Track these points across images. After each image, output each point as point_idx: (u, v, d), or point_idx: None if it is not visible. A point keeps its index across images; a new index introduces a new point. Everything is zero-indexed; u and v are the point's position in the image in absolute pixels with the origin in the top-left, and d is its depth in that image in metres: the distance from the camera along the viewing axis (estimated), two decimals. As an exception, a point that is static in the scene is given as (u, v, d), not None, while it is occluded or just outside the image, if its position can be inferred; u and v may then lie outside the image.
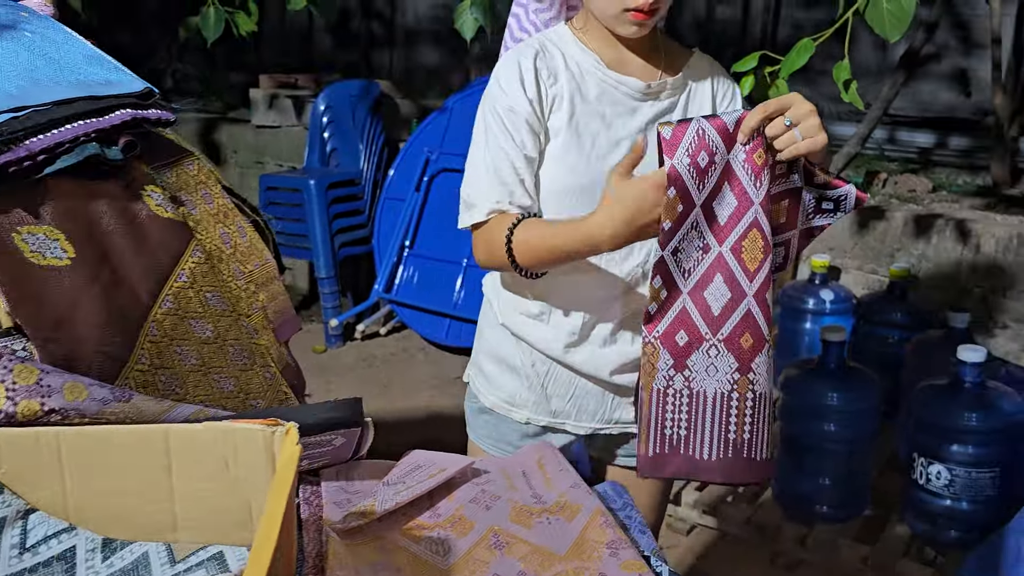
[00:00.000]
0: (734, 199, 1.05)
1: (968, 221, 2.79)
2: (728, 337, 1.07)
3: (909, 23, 1.73)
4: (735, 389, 1.09)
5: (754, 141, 1.05)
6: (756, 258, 1.05)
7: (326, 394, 3.31)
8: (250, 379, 1.02)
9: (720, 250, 1.06)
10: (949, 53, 4.94)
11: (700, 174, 1.03)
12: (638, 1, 1.14)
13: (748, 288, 1.07)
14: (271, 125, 4.59)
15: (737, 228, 1.05)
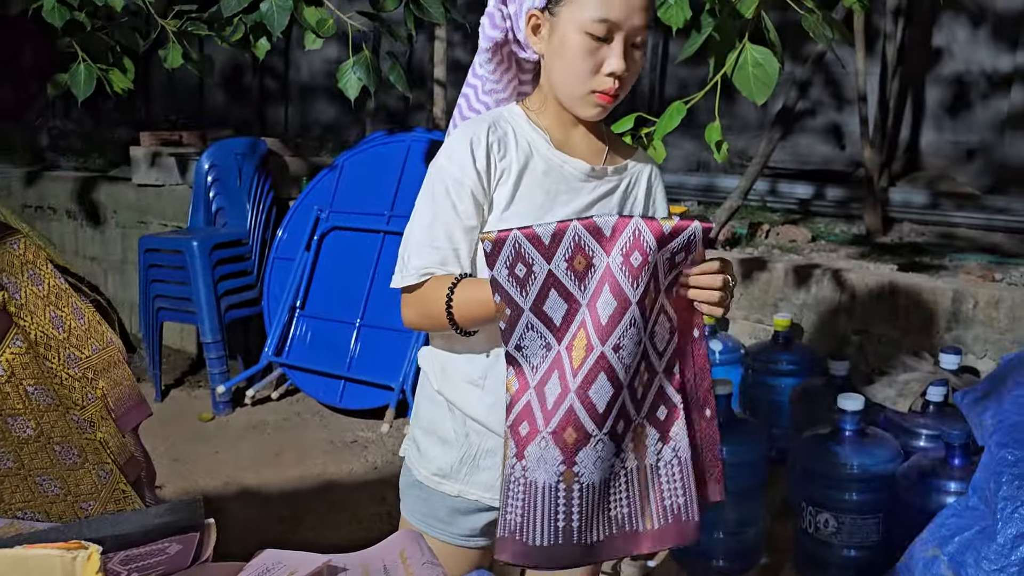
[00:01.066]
0: (613, 299, 1.10)
1: (844, 271, 2.89)
2: (611, 430, 1.12)
3: (774, 86, 1.79)
4: (621, 471, 1.16)
5: (632, 244, 1.10)
6: (633, 353, 1.12)
7: (213, 464, 3.14)
8: (80, 479, 0.93)
9: (603, 349, 1.10)
10: (823, 109, 5.21)
11: (520, 283, 1.11)
12: (605, 85, 1.22)
13: (624, 380, 1.13)
14: (154, 184, 4.42)
15: (619, 327, 1.10)
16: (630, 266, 1.10)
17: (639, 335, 1.12)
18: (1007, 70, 4.69)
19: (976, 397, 2.06)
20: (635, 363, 1.13)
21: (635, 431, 1.16)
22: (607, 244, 1.11)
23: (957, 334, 2.69)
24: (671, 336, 1.16)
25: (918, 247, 3.67)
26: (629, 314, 1.10)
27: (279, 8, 2.57)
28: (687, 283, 1.17)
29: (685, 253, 1.15)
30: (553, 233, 1.12)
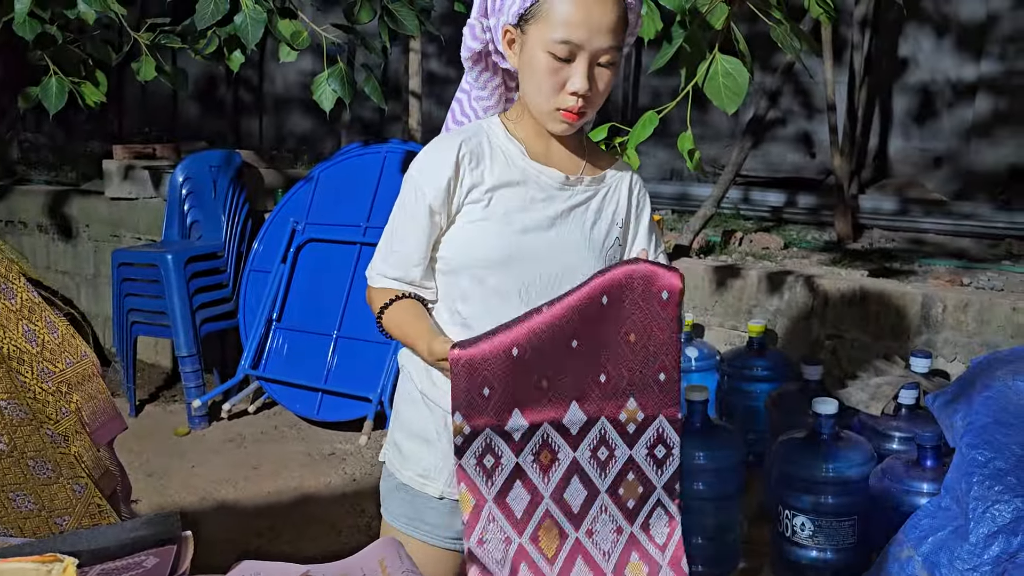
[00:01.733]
0: (583, 489, 1.19)
1: (816, 277, 2.93)
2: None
3: (744, 96, 1.82)
4: None
5: (598, 441, 1.19)
6: (612, 539, 1.21)
7: (189, 479, 3.11)
8: (55, 494, 0.92)
9: (576, 536, 1.19)
10: (793, 118, 5.28)
11: (486, 473, 1.16)
12: (568, 103, 1.26)
13: (606, 567, 1.20)
14: (127, 197, 4.38)
15: (591, 513, 1.20)
16: (597, 460, 1.19)
17: (616, 524, 1.20)
18: (971, 79, 4.78)
19: (947, 400, 2.10)
20: (618, 552, 1.21)
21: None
22: (572, 441, 1.18)
23: (927, 338, 2.74)
24: (669, 530, 1.23)
25: (888, 253, 3.73)
26: (599, 502, 1.20)
27: (253, 21, 2.56)
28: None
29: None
30: (523, 432, 1.16)
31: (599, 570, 1.19)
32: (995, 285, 3.09)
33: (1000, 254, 3.78)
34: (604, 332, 1.16)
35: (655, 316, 1.17)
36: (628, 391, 1.18)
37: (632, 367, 1.18)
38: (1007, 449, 1.71)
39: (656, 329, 1.17)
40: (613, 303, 1.16)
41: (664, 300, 1.17)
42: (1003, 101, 4.68)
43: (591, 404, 1.18)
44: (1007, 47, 4.62)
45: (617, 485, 1.19)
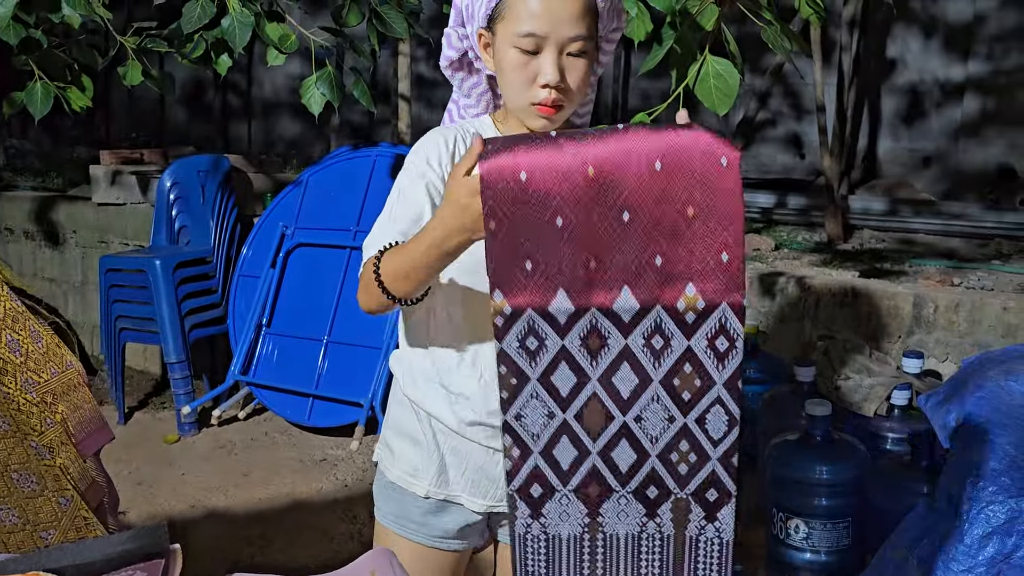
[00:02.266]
0: (633, 376, 1.11)
1: (807, 278, 2.93)
2: (638, 491, 1.15)
3: (735, 98, 1.81)
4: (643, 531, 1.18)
5: (652, 329, 1.09)
6: (662, 427, 1.13)
7: (179, 487, 3.09)
8: (40, 507, 0.90)
9: (624, 419, 1.13)
10: (783, 119, 5.30)
11: (530, 355, 1.09)
12: (540, 96, 1.23)
13: (652, 449, 1.14)
14: (114, 203, 4.35)
15: (640, 400, 1.12)
16: (652, 349, 1.09)
17: (669, 413, 1.11)
18: (959, 79, 4.81)
19: (939, 400, 2.09)
20: (668, 438, 1.13)
21: (675, 503, 1.15)
22: (625, 329, 1.09)
23: (919, 338, 2.74)
24: (728, 428, 1.13)
25: (878, 253, 3.74)
26: (651, 390, 1.11)
27: (240, 24, 2.54)
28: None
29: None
30: (569, 316, 1.08)
31: (643, 452, 1.13)
32: (985, 285, 3.09)
33: (990, 254, 3.79)
34: (658, 204, 1.04)
35: (714, 186, 1.03)
36: (687, 275, 1.06)
37: (691, 247, 1.05)
38: (1001, 450, 1.71)
39: (717, 201, 1.03)
40: (668, 170, 1.03)
41: (723, 167, 1.03)
42: (991, 101, 4.70)
43: (645, 290, 1.07)
44: (994, 47, 4.65)
45: (672, 375, 1.10)
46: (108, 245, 4.39)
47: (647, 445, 1.13)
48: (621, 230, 1.04)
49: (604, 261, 1.05)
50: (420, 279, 1.19)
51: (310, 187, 3.71)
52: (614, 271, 1.06)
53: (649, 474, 1.14)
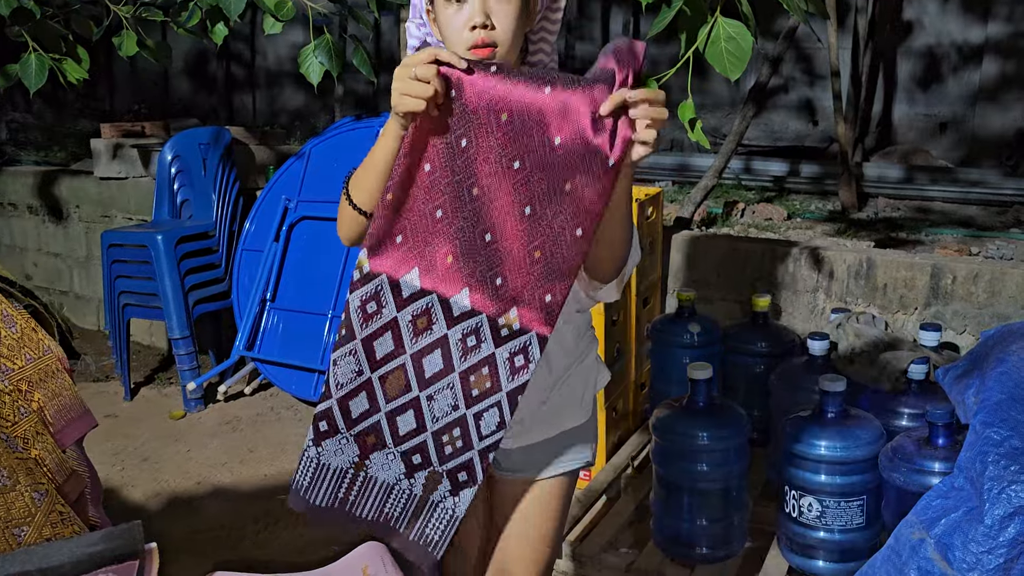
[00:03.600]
0: (441, 363, 1.29)
1: (821, 249, 2.86)
2: (405, 455, 1.33)
3: (747, 61, 1.73)
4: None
5: (471, 330, 1.27)
6: (445, 411, 1.32)
7: (184, 464, 3.07)
8: (12, 502, 0.86)
9: (417, 393, 1.31)
10: (796, 85, 5.18)
11: (366, 317, 1.27)
12: (474, 38, 1.28)
13: (430, 426, 1.32)
14: (116, 177, 4.30)
15: (438, 384, 1.30)
16: (464, 345, 1.28)
17: (455, 401, 1.30)
18: (977, 42, 4.68)
19: (958, 374, 2.04)
20: (447, 422, 1.31)
21: (431, 473, 1.34)
22: (450, 321, 1.28)
23: (936, 310, 2.67)
24: (496, 428, 1.30)
25: (893, 222, 3.65)
26: (449, 378, 1.29)
27: (235, -9, 2.47)
28: (630, 100, 1.13)
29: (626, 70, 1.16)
30: (413, 292, 1.27)
31: (424, 427, 1.32)
32: (1004, 254, 3.01)
33: (1008, 221, 3.70)
34: (515, 243, 1.24)
35: (566, 248, 1.22)
36: (515, 301, 1.26)
37: (527, 282, 1.25)
38: (1023, 427, 1.65)
39: (562, 258, 1.22)
40: (535, 217, 1.22)
41: (578, 236, 1.21)
42: (1011, 64, 4.58)
43: (479, 297, 1.27)
44: (1015, 8, 4.51)
45: (470, 372, 1.29)
46: (111, 219, 4.35)
47: (428, 422, 1.31)
48: (483, 247, 1.24)
49: (459, 261, 1.25)
50: (374, 181, 1.29)
51: (313, 159, 3.64)
52: (463, 272, 1.25)
53: (419, 444, 1.33)
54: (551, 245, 1.23)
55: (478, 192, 1.23)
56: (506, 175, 1.22)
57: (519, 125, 1.20)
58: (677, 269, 3.08)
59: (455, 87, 1.21)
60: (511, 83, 1.20)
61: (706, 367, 2.11)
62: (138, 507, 2.77)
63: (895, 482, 1.90)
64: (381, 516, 1.35)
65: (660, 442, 2.16)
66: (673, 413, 2.16)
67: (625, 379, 2.83)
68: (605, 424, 2.66)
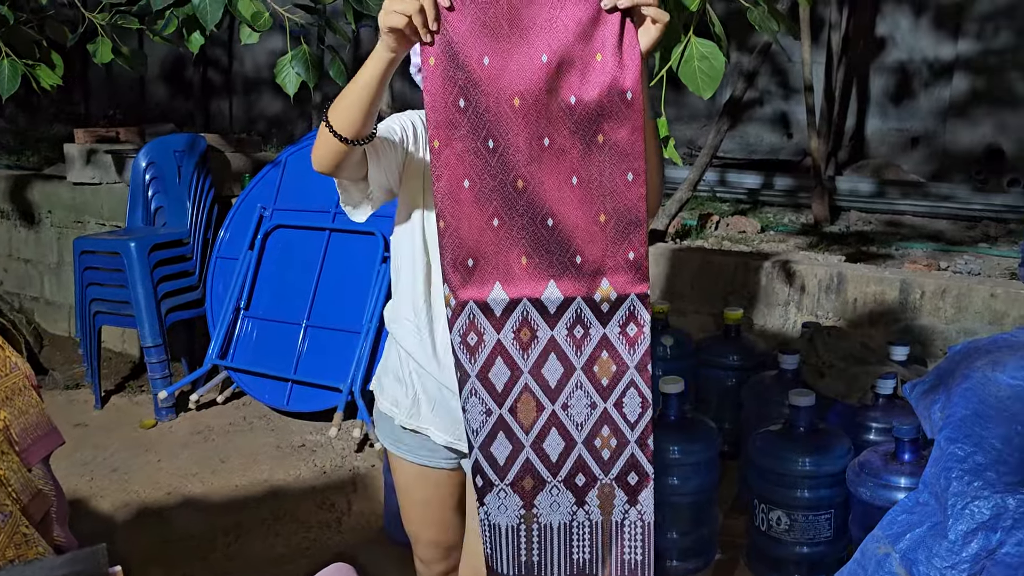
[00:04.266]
0: (560, 365, 1.25)
1: (793, 262, 2.89)
2: (567, 479, 1.28)
3: (720, 80, 1.75)
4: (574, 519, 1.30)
5: (574, 320, 1.25)
6: (586, 414, 1.27)
7: (155, 474, 3.04)
8: (-26, 524, 0.85)
9: (552, 408, 1.26)
10: (771, 99, 5.24)
11: (470, 351, 1.24)
12: None
13: (578, 436, 1.28)
14: (90, 182, 4.26)
15: (566, 389, 1.26)
16: (574, 339, 1.25)
17: (591, 399, 1.25)
18: (949, 58, 4.76)
19: (924, 389, 2.06)
20: (591, 425, 1.26)
21: (601, 489, 1.28)
22: (551, 320, 1.24)
23: (905, 324, 2.71)
24: (642, 410, 1.26)
25: (865, 236, 3.70)
26: (575, 378, 1.25)
27: (212, 1, 2.46)
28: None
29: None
30: (504, 307, 1.23)
31: (571, 439, 1.27)
32: (972, 269, 3.06)
33: (977, 236, 3.76)
34: (576, 211, 1.22)
35: (622, 197, 1.22)
36: (602, 271, 1.24)
37: (604, 248, 1.23)
38: (986, 443, 1.68)
39: (625, 208, 1.23)
40: (583, 184, 1.22)
41: (629, 181, 1.23)
42: (980, 80, 4.66)
43: (567, 283, 1.24)
44: (984, 25, 4.59)
45: (592, 363, 1.25)
46: (84, 225, 4.30)
47: (574, 432, 1.26)
48: (548, 234, 1.22)
49: (533, 259, 1.22)
50: (354, 103, 1.26)
51: (289, 167, 3.63)
52: (542, 267, 1.23)
53: (577, 461, 1.27)
54: (610, 202, 1.22)
55: (523, 184, 1.21)
56: (541, 156, 1.20)
57: (532, 102, 1.18)
58: (651, 281, 3.11)
59: (457, 63, 1.18)
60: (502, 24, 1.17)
61: (678, 381, 2.13)
62: (106, 518, 2.74)
63: (862, 496, 1.93)
64: (574, 568, 1.28)
65: (632, 455, 2.18)
66: (645, 426, 2.17)
67: (599, 391, 2.84)
68: (579, 436, 2.66)
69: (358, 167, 1.37)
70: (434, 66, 1.19)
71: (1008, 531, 1.54)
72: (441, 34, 1.18)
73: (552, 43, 1.18)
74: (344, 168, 1.34)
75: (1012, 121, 4.56)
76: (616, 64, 1.18)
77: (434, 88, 1.19)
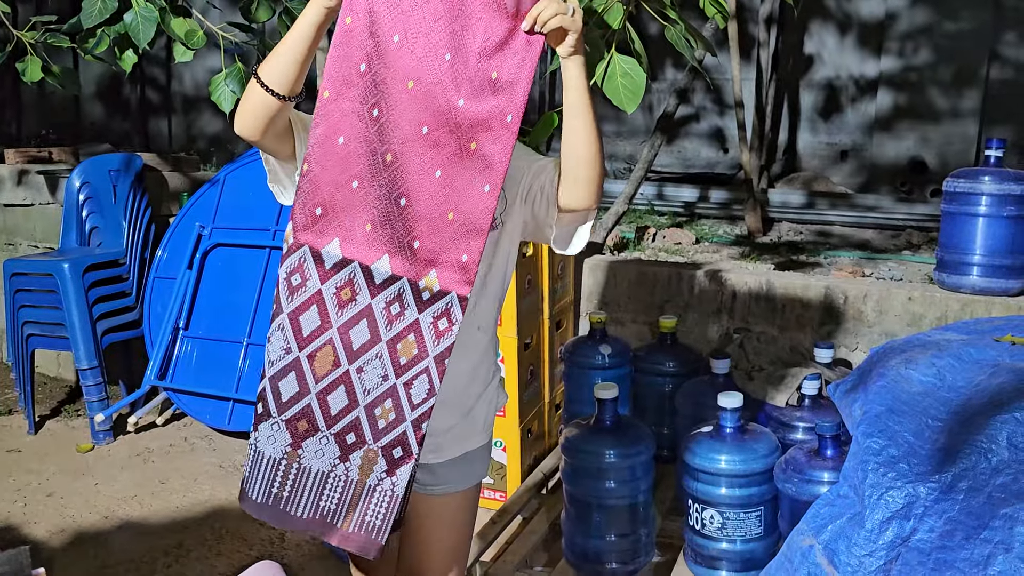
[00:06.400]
0: (368, 332, 1.31)
1: (724, 272, 2.98)
2: (339, 435, 1.34)
3: (642, 95, 1.83)
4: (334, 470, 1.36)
5: (394, 297, 1.31)
6: (376, 382, 1.33)
7: (92, 498, 2.98)
8: None
9: (348, 367, 1.32)
10: (706, 114, 5.38)
11: (291, 290, 1.30)
12: None
13: (362, 400, 1.33)
14: (21, 204, 4.18)
15: (366, 355, 1.32)
16: (388, 314, 1.31)
17: (385, 371, 1.32)
18: (873, 75, 4.96)
19: (846, 389, 2.15)
20: (377, 394, 1.32)
21: (366, 453, 1.34)
22: (373, 290, 1.31)
23: (830, 328, 2.81)
24: (427, 396, 1.32)
25: (795, 245, 3.83)
26: (377, 348, 1.31)
27: (144, 19, 2.46)
28: (531, 23, 1.26)
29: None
30: (335, 263, 1.29)
31: (355, 400, 1.33)
32: (895, 275, 3.20)
33: (901, 244, 3.92)
34: (429, 204, 1.29)
35: (473, 202, 1.29)
36: (434, 263, 1.31)
37: (444, 243, 1.30)
38: (899, 437, 1.76)
39: (472, 214, 1.29)
40: (446, 179, 1.30)
41: (485, 192, 1.29)
42: (903, 96, 4.86)
43: (400, 262, 1.31)
44: (905, 44, 4.80)
45: (397, 340, 1.32)
46: (16, 247, 4.21)
47: (360, 395, 1.32)
48: (398, 212, 1.29)
49: (376, 230, 1.29)
50: (287, 53, 1.29)
51: (228, 185, 3.61)
52: (382, 239, 1.29)
53: (353, 421, 1.33)
54: (462, 204, 1.29)
55: (392, 159, 1.27)
56: (416, 141, 1.27)
57: (425, 90, 1.26)
58: (589, 292, 3.17)
59: (369, 34, 1.25)
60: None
61: (612, 387, 2.18)
62: (40, 543, 2.68)
63: (788, 492, 2.00)
64: (317, 513, 1.34)
65: (569, 461, 2.22)
66: (581, 432, 2.22)
67: (539, 401, 2.89)
68: (519, 446, 2.70)
69: (282, 139, 1.38)
70: (349, 25, 1.24)
71: (920, 518, 1.62)
72: (367, 0, 1.25)
73: (458, 46, 1.26)
74: (268, 132, 1.34)
75: (934, 134, 4.77)
76: (508, 88, 1.26)
77: (342, 44, 1.25)
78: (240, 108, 1.34)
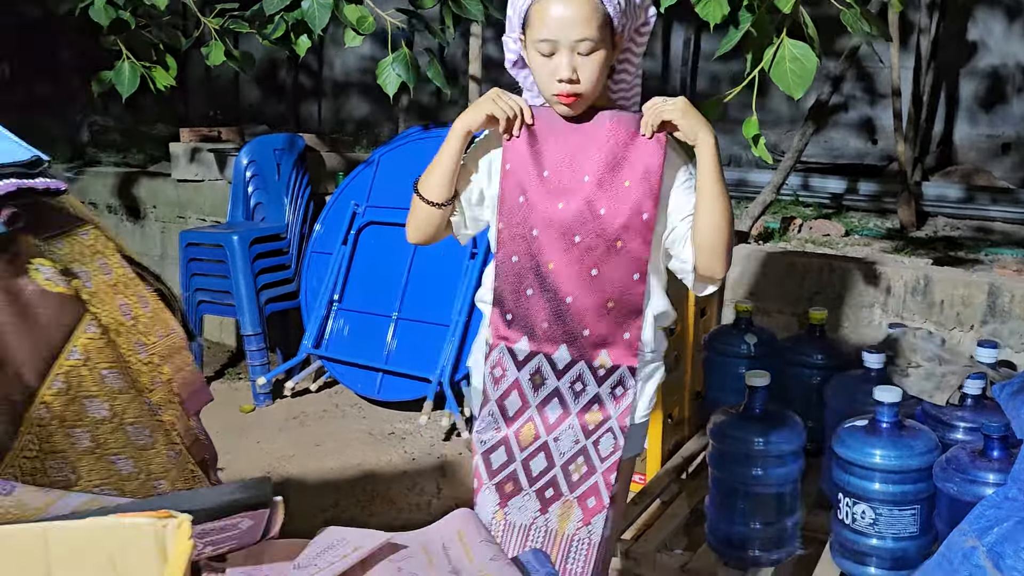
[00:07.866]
0: (560, 408, 1.61)
1: (878, 264, 2.89)
2: (539, 491, 1.62)
3: (811, 81, 1.81)
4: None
5: (576, 379, 1.59)
6: (570, 446, 1.61)
7: (255, 455, 3.21)
8: (152, 458, 0.98)
9: (546, 439, 1.61)
10: (856, 103, 5.18)
11: (495, 381, 1.60)
12: (560, 89, 1.47)
13: (558, 461, 1.62)
14: (193, 179, 4.51)
15: (561, 427, 1.61)
16: (573, 390, 1.59)
17: (576, 437, 1.59)
18: (1045, 63, 4.62)
19: (1014, 390, 2.06)
20: (571, 454, 1.59)
21: (564, 504, 1.60)
22: (558, 373, 1.58)
23: (993, 328, 2.68)
24: (613, 449, 1.58)
25: (952, 241, 3.65)
26: (569, 420, 1.59)
27: (320, 6, 2.62)
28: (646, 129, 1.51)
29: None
30: (525, 355, 1.58)
31: (552, 462, 1.60)
32: (1066, 275, 3.00)
33: (1071, 243, 3.66)
34: (589, 296, 1.54)
35: (627, 291, 1.55)
36: (603, 345, 1.57)
37: (608, 327, 1.56)
38: (1078, 441, 1.68)
39: (627, 299, 1.55)
40: (601, 277, 1.55)
41: (634, 280, 1.55)
42: (1077, 85, 4.52)
43: (576, 349, 1.57)
44: (1084, 29, 4.46)
45: (584, 411, 1.59)
46: (186, 220, 4.55)
47: (556, 458, 1.59)
48: (566, 309, 1.55)
49: (552, 326, 1.56)
50: (437, 173, 1.56)
51: (381, 166, 3.78)
52: (558, 333, 1.56)
53: (551, 479, 1.60)
54: (618, 294, 1.55)
55: (553, 267, 1.54)
56: (570, 250, 1.53)
57: (574, 207, 1.52)
58: (734, 281, 3.14)
59: (521, 169, 1.54)
60: (562, 140, 1.54)
61: (764, 375, 2.17)
62: (213, 491, 2.92)
63: (949, 492, 1.94)
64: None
65: (717, 446, 2.23)
66: (731, 418, 2.22)
67: (681, 388, 2.89)
68: (661, 431, 2.72)
69: (446, 228, 1.65)
70: (509, 170, 1.55)
71: (1099, 527, 1.55)
72: (521, 140, 1.53)
73: (594, 168, 1.52)
74: (437, 232, 1.63)
75: (1111, 127, 4.41)
76: (639, 191, 1.50)
77: (506, 185, 1.55)
78: (410, 224, 1.63)
